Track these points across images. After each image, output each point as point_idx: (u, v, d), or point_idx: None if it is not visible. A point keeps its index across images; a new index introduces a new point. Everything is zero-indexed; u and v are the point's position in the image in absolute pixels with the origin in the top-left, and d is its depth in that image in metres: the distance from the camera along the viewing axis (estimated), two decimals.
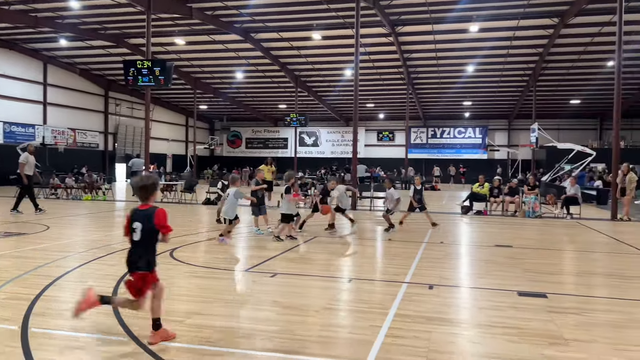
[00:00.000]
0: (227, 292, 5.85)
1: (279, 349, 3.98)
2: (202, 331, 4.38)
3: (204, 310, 5.02)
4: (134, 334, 4.22)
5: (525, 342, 4.24)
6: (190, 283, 6.23)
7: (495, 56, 28.10)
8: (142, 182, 4.17)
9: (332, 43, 27.04)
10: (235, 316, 4.93)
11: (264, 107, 44.44)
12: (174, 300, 5.36)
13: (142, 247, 4.05)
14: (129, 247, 4.14)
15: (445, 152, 44.54)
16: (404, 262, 7.74)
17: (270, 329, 4.48)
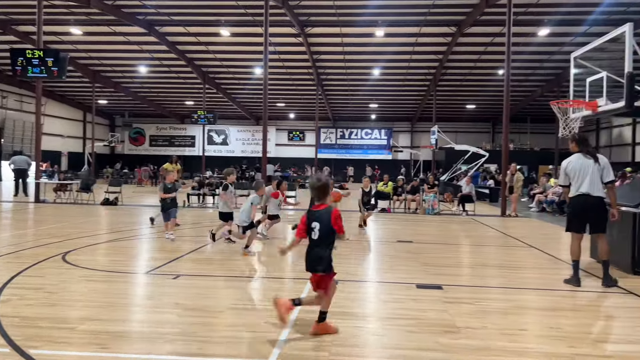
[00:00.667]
0: (125, 295, 5.55)
1: (179, 352, 3.85)
2: (97, 337, 4.12)
3: (99, 315, 4.72)
4: (15, 343, 3.87)
5: (423, 331, 4.45)
6: (85, 287, 5.83)
7: (399, 61, 29.34)
8: (320, 182, 4.33)
9: (241, 40, 26.71)
10: (134, 320, 4.69)
11: (169, 103, 42.79)
12: (66, 306, 5.00)
13: (321, 246, 4.24)
14: (308, 247, 4.33)
15: (353, 153, 45.74)
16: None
17: (171, 331, 4.31)
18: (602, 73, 7.58)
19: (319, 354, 3.82)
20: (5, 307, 4.85)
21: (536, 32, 23.55)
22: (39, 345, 3.87)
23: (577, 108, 8.06)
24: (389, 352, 3.97)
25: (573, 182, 6.42)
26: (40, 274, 6.39)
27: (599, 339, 4.37)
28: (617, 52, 7.49)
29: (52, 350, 3.80)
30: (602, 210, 6.35)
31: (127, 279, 6.33)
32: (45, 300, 5.18)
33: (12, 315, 4.60)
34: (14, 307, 4.87)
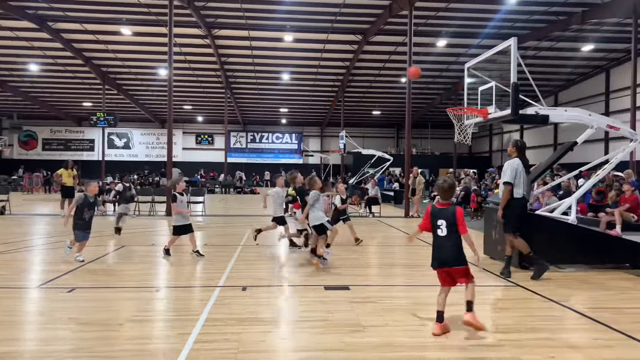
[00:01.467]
0: (12, 312, 5.08)
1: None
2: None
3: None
4: None
5: (329, 332, 4.53)
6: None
7: (308, 66, 29.75)
8: (448, 183, 4.80)
9: (144, 40, 25.61)
10: (22, 339, 4.30)
11: (65, 104, 39.85)
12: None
13: (451, 242, 4.56)
14: (435, 243, 4.68)
15: (264, 157, 45.58)
16: (219, 266, 7.67)
17: (63, 348, 4.02)
18: (492, 83, 8.21)
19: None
20: None
21: (435, 43, 24.99)
22: None
23: (471, 115, 8.66)
24: (295, 355, 3.99)
25: (517, 184, 6.97)
26: None
27: (492, 329, 4.70)
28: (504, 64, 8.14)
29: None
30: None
31: (15, 294, 5.80)
32: None
33: None
34: None
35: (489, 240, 8.72)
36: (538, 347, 4.21)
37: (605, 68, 28.68)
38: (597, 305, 5.66)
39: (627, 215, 8.81)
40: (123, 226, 11.25)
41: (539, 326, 4.82)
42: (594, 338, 4.51)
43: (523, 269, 7.61)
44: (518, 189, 6.99)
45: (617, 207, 9.00)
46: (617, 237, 8.20)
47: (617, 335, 4.55)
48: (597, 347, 4.27)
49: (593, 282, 6.88)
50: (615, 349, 4.20)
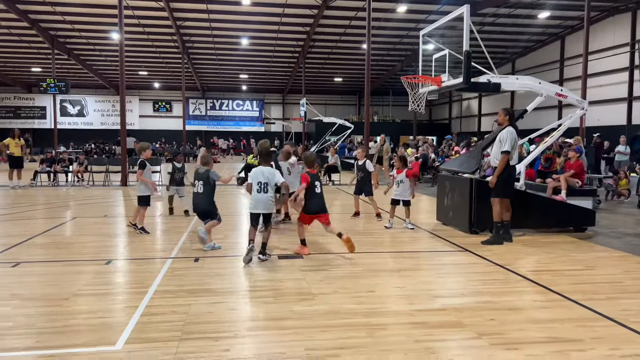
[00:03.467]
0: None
1: (14, 347, 3.51)
2: None
3: None
4: None
5: (278, 301, 4.57)
6: None
7: (268, 31, 29.09)
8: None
9: (94, 2, 24.36)
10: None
11: (12, 70, 37.83)
12: None
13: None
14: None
15: (224, 124, 44.83)
16: (173, 237, 7.59)
17: (5, 325, 3.91)
18: (445, 51, 8.25)
19: (171, 334, 3.74)
20: None
21: (395, 8, 24.79)
22: None
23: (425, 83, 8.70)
24: (242, 325, 4.02)
25: (513, 152, 7.02)
26: None
27: (437, 295, 4.86)
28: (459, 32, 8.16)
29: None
30: None
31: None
32: None
33: None
34: None
35: (441, 207, 8.93)
36: (480, 309, 4.38)
37: (560, 36, 29.26)
38: (539, 268, 5.92)
39: (571, 181, 9.15)
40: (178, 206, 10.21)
41: (482, 290, 5.01)
42: (533, 300, 4.73)
43: (473, 233, 7.85)
44: (512, 157, 7.11)
45: (564, 173, 9.33)
46: (562, 202, 8.53)
47: (555, 297, 4.78)
48: (534, 308, 4.48)
49: (537, 245, 7.18)
50: (552, 310, 4.42)
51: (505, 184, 7.15)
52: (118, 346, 3.53)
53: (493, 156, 7.41)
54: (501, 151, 7.08)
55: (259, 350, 3.52)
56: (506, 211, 7.30)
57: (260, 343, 3.66)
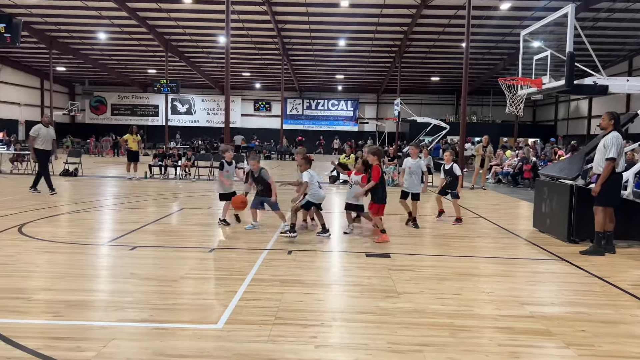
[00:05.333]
0: (81, 266, 5.68)
1: (130, 319, 4.05)
2: (51, 306, 4.27)
3: (54, 285, 4.86)
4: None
5: (365, 296, 4.78)
6: (40, 259, 5.92)
7: (365, 32, 29.31)
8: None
9: (204, 8, 26.10)
10: (88, 290, 4.84)
11: (131, 71, 41.66)
12: (21, 277, 5.10)
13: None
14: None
15: (319, 124, 45.82)
16: (269, 230, 8.06)
17: (124, 299, 4.50)
18: (547, 52, 7.93)
19: (265, 319, 4.08)
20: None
21: (498, 6, 23.88)
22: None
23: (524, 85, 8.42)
24: (328, 315, 4.27)
25: (619, 158, 6.78)
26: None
27: (525, 302, 4.78)
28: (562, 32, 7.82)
29: (6, 319, 3.93)
30: None
31: (84, 250, 6.42)
32: (0, 271, 5.26)
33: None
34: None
35: (539, 214, 8.59)
36: (570, 320, 4.27)
37: None
38: None
39: None
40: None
41: (575, 301, 4.84)
42: (632, 315, 4.50)
43: (571, 243, 7.50)
44: (618, 164, 6.79)
45: None
46: None
47: None
48: (633, 323, 4.27)
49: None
50: None
51: (610, 192, 6.76)
52: (219, 325, 3.94)
53: (597, 163, 7.02)
54: (606, 158, 6.70)
55: (344, 340, 3.75)
56: (610, 221, 6.90)
57: (345, 333, 3.88)
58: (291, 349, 3.56)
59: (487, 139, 16.23)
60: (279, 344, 3.63)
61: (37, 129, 11.79)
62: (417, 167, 8.93)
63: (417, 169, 8.93)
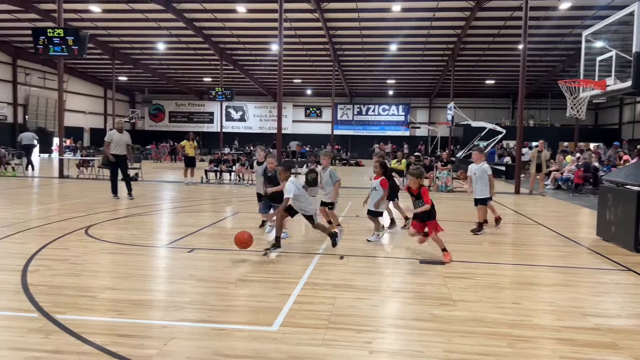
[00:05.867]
0: (142, 267, 5.92)
1: (189, 319, 4.18)
2: (116, 304, 4.48)
3: (118, 285, 5.10)
4: (44, 310, 4.25)
5: (419, 303, 4.72)
6: (105, 259, 6.22)
7: (417, 36, 29.01)
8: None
9: (257, 16, 26.69)
10: (149, 290, 5.05)
11: (188, 79, 43.15)
12: (88, 276, 5.38)
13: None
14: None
15: (370, 129, 45.68)
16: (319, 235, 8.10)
17: (183, 300, 4.66)
18: (611, 52, 7.57)
19: (319, 322, 4.12)
20: (34, 277, 5.25)
21: (557, 6, 23.03)
22: (64, 311, 4.24)
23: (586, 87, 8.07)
24: (382, 321, 4.25)
25: None
26: (65, 246, 6.81)
27: (589, 313, 4.57)
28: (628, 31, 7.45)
29: (75, 315, 4.16)
30: None
31: (144, 252, 6.69)
32: (69, 270, 5.58)
33: (41, 284, 5.00)
34: (42, 277, 5.27)
35: (603, 222, 8.19)
36: (639, 333, 4.05)
37: None
38: None
39: None
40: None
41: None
42: None
43: (638, 252, 7.11)
44: None
45: None
46: None
47: None
48: None
49: None
50: None
51: None
52: (274, 327, 4.00)
53: None
54: None
55: (398, 346, 3.72)
56: None
57: (400, 340, 3.85)
58: (345, 353, 3.57)
59: (543, 144, 15.69)
60: (333, 348, 3.64)
61: (111, 134, 12.31)
62: (481, 171, 8.71)
63: (482, 174, 8.70)
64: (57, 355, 3.40)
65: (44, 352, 3.45)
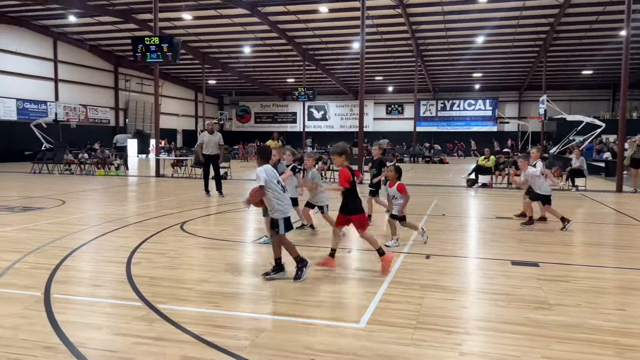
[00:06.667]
0: (234, 261, 6.17)
1: (279, 312, 4.30)
2: (210, 297, 4.71)
3: (211, 278, 5.35)
4: (146, 299, 4.56)
5: (512, 306, 4.51)
6: (199, 253, 6.56)
7: (506, 27, 27.72)
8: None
9: (339, 16, 26.85)
10: (241, 283, 5.25)
11: (272, 81, 44.40)
12: (185, 269, 5.71)
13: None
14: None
15: (455, 125, 44.38)
16: (404, 234, 7.99)
17: (272, 294, 4.79)
18: None
19: (407, 322, 4.06)
20: (137, 269, 5.66)
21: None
22: (164, 301, 4.52)
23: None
24: (475, 324, 4.10)
25: None
26: (163, 241, 7.27)
27: None
28: None
29: (175, 306, 4.43)
30: None
31: (234, 247, 6.98)
32: (167, 263, 5.94)
33: (142, 276, 5.37)
34: (144, 269, 5.67)
35: None
36: None
37: None
38: None
39: None
40: None
41: None
42: None
43: None
44: None
45: None
46: None
47: None
48: None
49: None
50: None
51: None
52: (361, 324, 4.01)
53: None
54: None
55: (491, 350, 3.57)
56: None
57: (493, 343, 3.70)
58: (435, 354, 3.49)
59: None
60: (422, 348, 3.58)
61: (202, 135, 13.08)
62: (529, 175, 8.62)
63: (531, 177, 8.59)
64: (159, 342, 3.63)
65: (147, 338, 3.70)
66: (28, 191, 13.66)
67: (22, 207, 10.60)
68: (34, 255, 6.24)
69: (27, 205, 10.89)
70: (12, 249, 6.53)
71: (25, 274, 5.41)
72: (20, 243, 6.93)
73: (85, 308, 4.41)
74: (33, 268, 5.65)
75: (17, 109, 28.98)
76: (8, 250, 6.52)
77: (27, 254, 6.24)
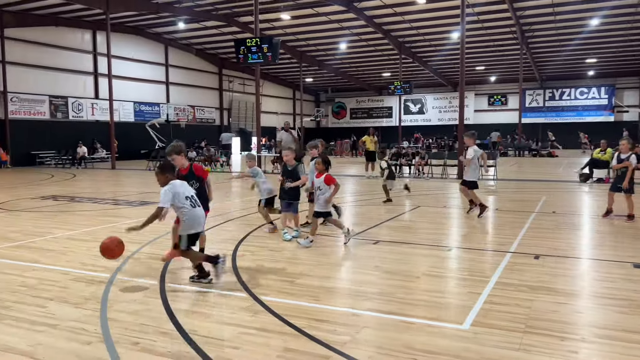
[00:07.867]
0: (331, 256, 6.25)
1: (379, 309, 4.27)
2: (311, 291, 4.80)
3: (311, 272, 5.45)
4: (251, 291, 4.75)
5: (635, 313, 4.10)
6: (297, 248, 6.70)
7: (623, 7, 25.20)
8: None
9: (436, 6, 26.04)
10: (339, 278, 5.31)
11: (367, 76, 44.26)
12: (285, 263, 5.87)
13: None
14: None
15: (564, 115, 41.30)
16: (510, 232, 7.60)
17: (372, 290, 4.78)
18: None
19: (514, 325, 3.85)
20: (241, 261, 5.92)
21: None
22: (267, 293, 4.69)
23: None
24: (592, 330, 3.78)
25: None
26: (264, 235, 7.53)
27: None
28: None
29: (277, 298, 4.57)
30: None
31: (333, 242, 7.05)
32: (269, 257, 6.16)
33: (247, 268, 5.61)
34: (248, 261, 5.92)
35: None
36: None
37: None
38: None
39: None
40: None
41: None
42: None
43: None
44: None
45: None
46: None
47: None
48: None
49: None
50: None
51: None
52: (465, 326, 3.86)
53: None
54: None
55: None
56: None
57: (613, 353, 3.38)
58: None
59: None
60: (532, 354, 3.37)
61: (280, 134, 14.04)
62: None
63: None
64: (263, 333, 3.77)
65: (252, 329, 3.85)
66: (144, 187, 14.87)
67: (140, 201, 11.55)
68: (149, 246, 6.77)
69: (144, 199, 11.85)
70: (132, 240, 7.10)
71: (142, 264, 5.89)
72: (138, 235, 7.54)
73: (195, 297, 4.70)
74: (148, 258, 6.13)
75: (134, 111, 31.66)
76: (128, 241, 7.09)
77: (144, 245, 6.78)
